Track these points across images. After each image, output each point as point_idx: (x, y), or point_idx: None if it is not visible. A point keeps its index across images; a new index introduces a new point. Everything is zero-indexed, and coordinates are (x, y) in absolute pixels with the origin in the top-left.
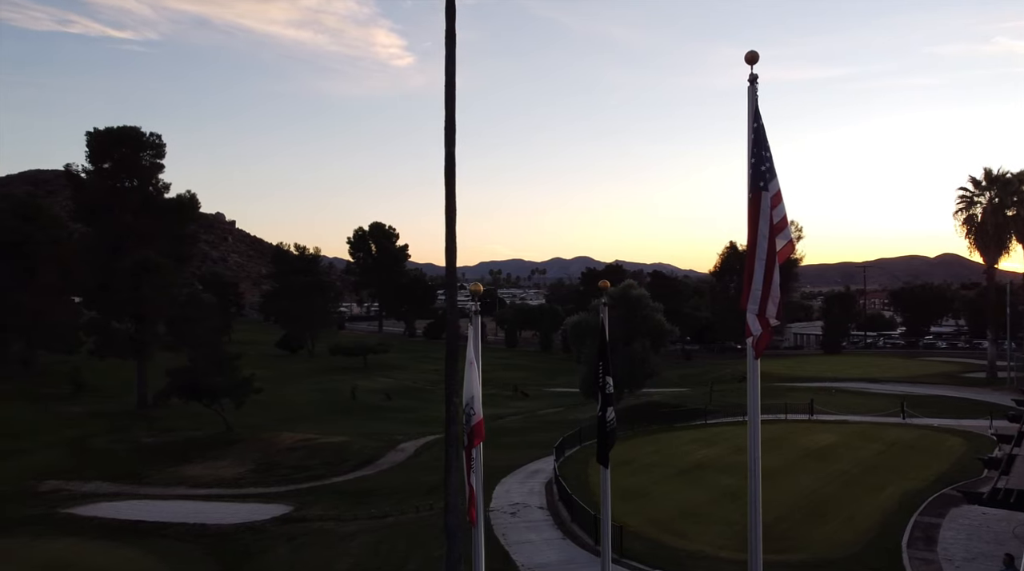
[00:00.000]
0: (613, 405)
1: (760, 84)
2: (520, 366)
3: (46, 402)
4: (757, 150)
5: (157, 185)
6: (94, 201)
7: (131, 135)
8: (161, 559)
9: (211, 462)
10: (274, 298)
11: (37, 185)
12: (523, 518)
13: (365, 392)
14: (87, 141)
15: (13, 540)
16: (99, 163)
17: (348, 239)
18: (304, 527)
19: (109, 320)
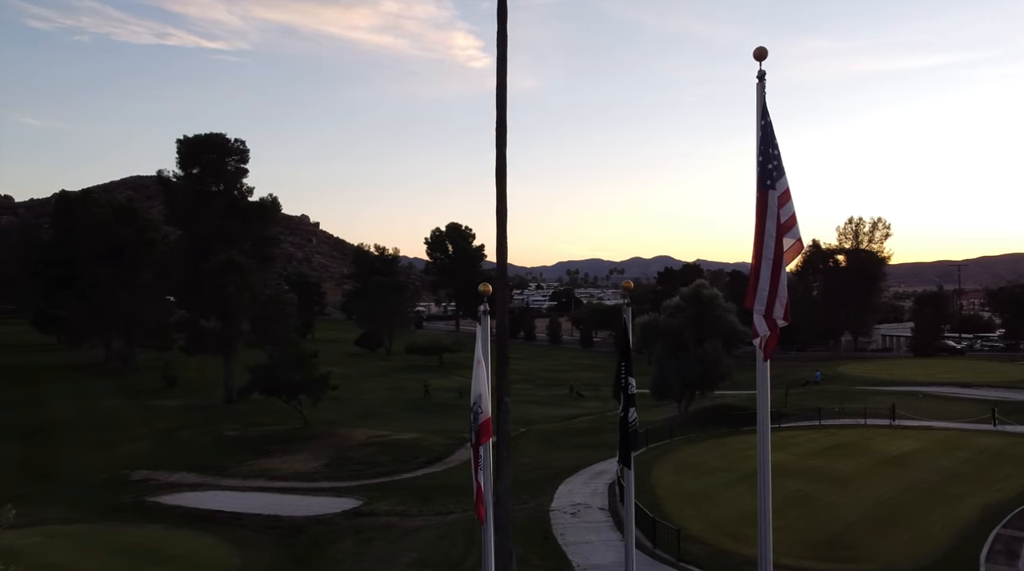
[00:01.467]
0: (635, 406)
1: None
2: (593, 366)
3: (141, 396)
4: (764, 148)
5: (241, 189)
6: (184, 205)
7: (217, 141)
8: (236, 548)
9: (288, 456)
10: (354, 298)
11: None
12: (583, 519)
13: (438, 390)
14: (178, 148)
15: (105, 525)
16: (188, 169)
17: (426, 240)
18: (371, 521)
19: (198, 318)
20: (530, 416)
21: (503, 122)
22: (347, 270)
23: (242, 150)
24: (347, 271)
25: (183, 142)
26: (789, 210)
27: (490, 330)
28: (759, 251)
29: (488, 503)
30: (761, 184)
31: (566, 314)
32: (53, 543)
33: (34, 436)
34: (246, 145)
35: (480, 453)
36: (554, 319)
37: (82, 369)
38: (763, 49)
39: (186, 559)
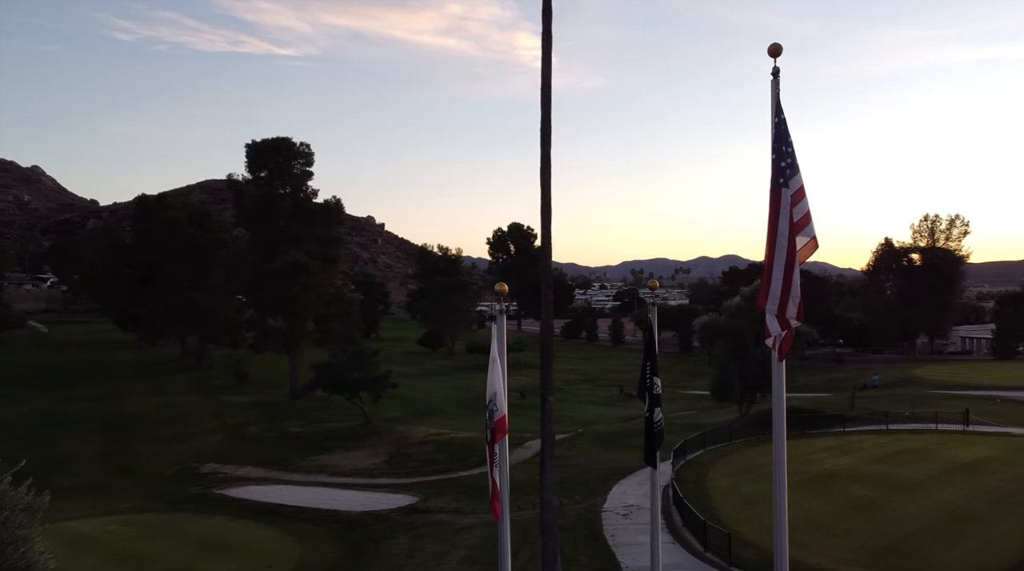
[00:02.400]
0: (660, 406)
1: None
2: None
3: (213, 392)
4: (778, 145)
5: (306, 191)
6: (252, 207)
7: (283, 145)
8: (296, 540)
9: (349, 452)
10: (418, 297)
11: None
12: (635, 520)
13: None
14: (246, 152)
15: (175, 515)
16: (256, 172)
17: (488, 240)
18: (425, 518)
19: (265, 317)
20: (589, 416)
21: (547, 122)
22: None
23: (307, 153)
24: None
25: (251, 146)
26: (803, 209)
27: (504, 329)
28: (771, 250)
29: (504, 500)
30: (774, 182)
31: (629, 314)
32: (129, 531)
33: (114, 429)
34: (311, 148)
35: (496, 451)
36: (616, 319)
37: (159, 366)
38: (778, 46)
39: (249, 550)
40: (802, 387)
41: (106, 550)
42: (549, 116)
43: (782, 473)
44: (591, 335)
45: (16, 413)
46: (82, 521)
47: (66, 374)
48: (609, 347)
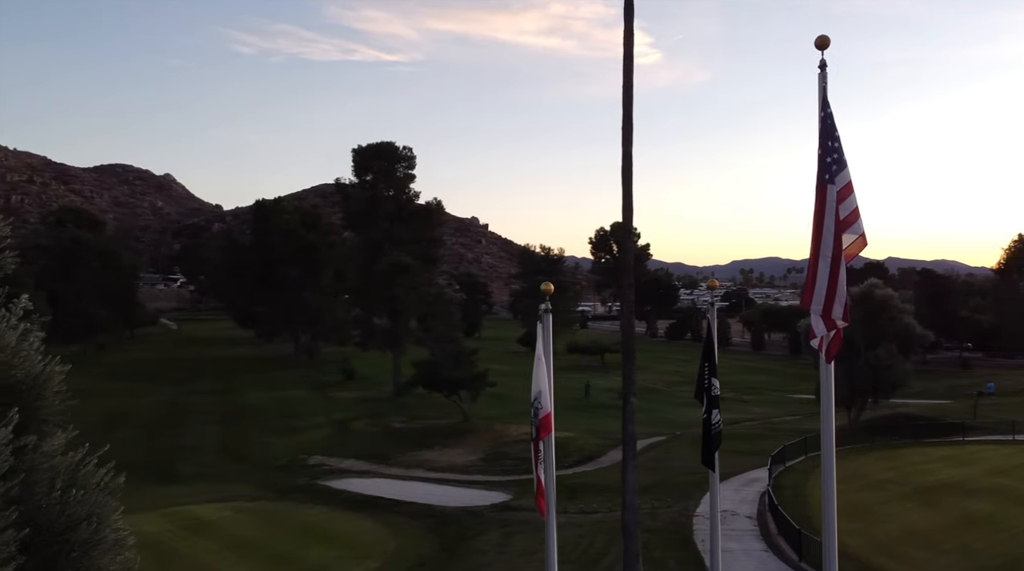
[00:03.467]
0: (718, 408)
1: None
2: (762, 370)
3: (323, 388)
4: (824, 140)
5: (409, 193)
6: (357, 210)
7: (387, 149)
8: (392, 532)
9: (447, 449)
10: (520, 297)
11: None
12: (728, 526)
13: (598, 390)
14: (352, 157)
15: (281, 504)
16: (362, 176)
17: (590, 239)
18: (517, 515)
19: (370, 316)
20: (688, 419)
21: (629, 120)
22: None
23: (409, 157)
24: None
25: (357, 151)
26: (850, 205)
27: (550, 329)
28: (817, 248)
29: (551, 498)
30: (820, 178)
31: (737, 315)
32: (240, 518)
33: (232, 421)
34: (413, 151)
35: (540, 448)
36: (723, 320)
37: (274, 362)
38: (825, 38)
39: (347, 539)
40: (920, 393)
41: (220, 534)
42: (631, 114)
43: (831, 486)
44: (696, 336)
45: (145, 404)
46: (200, 506)
47: (191, 369)
48: None
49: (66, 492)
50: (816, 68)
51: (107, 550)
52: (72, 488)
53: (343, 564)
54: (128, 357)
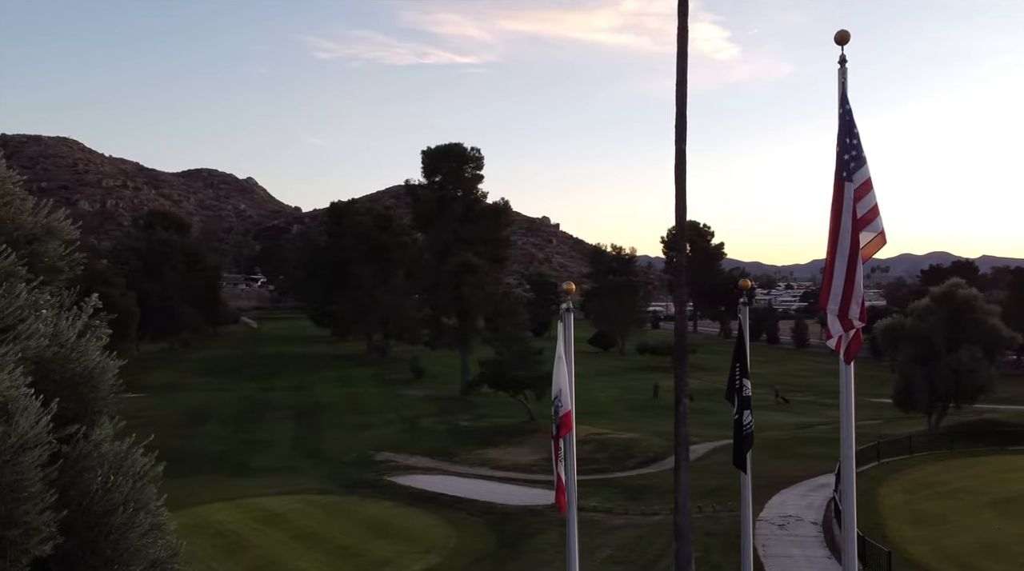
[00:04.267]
0: (750, 408)
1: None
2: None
3: (393, 385)
4: (842, 137)
5: (477, 194)
6: (426, 211)
7: (455, 151)
8: (453, 527)
9: (511, 448)
10: (591, 297)
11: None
12: (791, 532)
13: (667, 392)
14: (422, 158)
15: (349, 498)
16: (430, 177)
17: (661, 238)
18: (579, 516)
19: (439, 316)
20: (761, 422)
21: (683, 117)
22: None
23: (477, 157)
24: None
25: (426, 153)
26: (868, 203)
27: (572, 327)
28: (834, 247)
29: (572, 494)
30: (838, 176)
31: (816, 316)
32: (309, 510)
33: (306, 417)
34: (480, 152)
35: (561, 445)
36: (800, 321)
37: (348, 359)
38: (845, 32)
39: (409, 534)
40: (1010, 398)
41: (288, 526)
42: (685, 113)
43: (851, 490)
44: (771, 337)
45: (227, 399)
46: (271, 498)
47: (270, 366)
48: (790, 350)
49: (107, 479)
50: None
51: (144, 534)
52: (113, 475)
53: (405, 558)
54: (212, 354)
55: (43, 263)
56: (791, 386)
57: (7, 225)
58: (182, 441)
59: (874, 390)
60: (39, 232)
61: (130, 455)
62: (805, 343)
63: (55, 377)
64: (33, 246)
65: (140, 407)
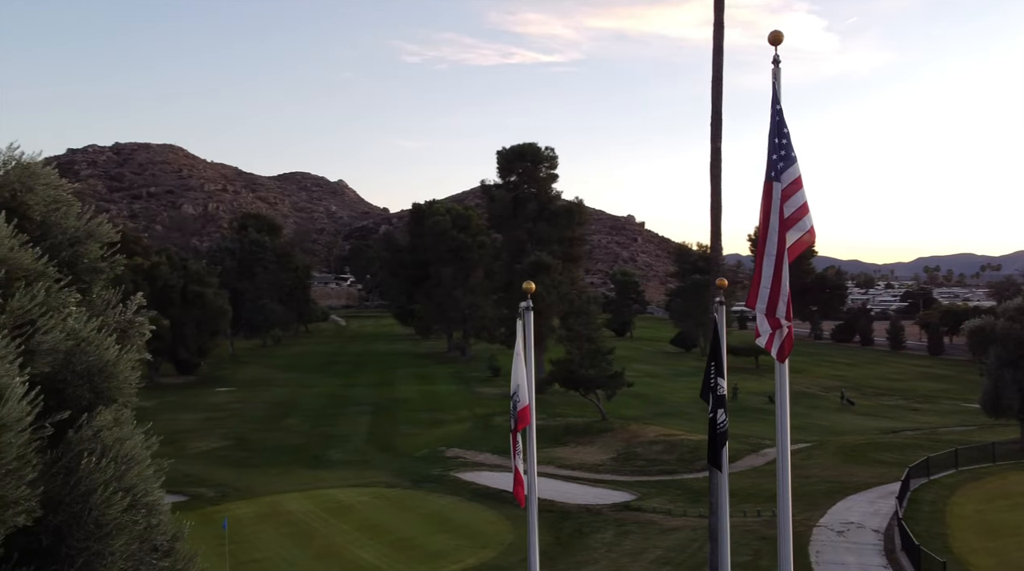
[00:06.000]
0: (724, 407)
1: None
2: (938, 376)
3: (469, 383)
4: (772, 138)
5: (550, 194)
6: (501, 211)
7: (530, 151)
8: (511, 524)
9: (580, 447)
10: (675, 296)
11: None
12: (849, 538)
13: (748, 393)
14: (497, 159)
15: (414, 492)
16: (506, 177)
17: (749, 237)
18: (635, 516)
19: (515, 314)
20: (841, 426)
21: (718, 115)
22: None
23: (552, 157)
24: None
25: (501, 153)
26: (796, 202)
27: (531, 326)
28: (763, 247)
29: (532, 489)
30: (767, 176)
31: (915, 316)
32: (375, 503)
33: (383, 412)
34: (555, 152)
35: (518, 439)
36: (896, 321)
37: (428, 357)
38: (778, 33)
39: (469, 529)
40: None
41: (355, 517)
42: (720, 110)
43: (786, 495)
44: (865, 338)
45: (312, 394)
46: (341, 490)
47: (354, 362)
48: (884, 352)
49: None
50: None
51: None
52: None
53: (461, 552)
54: (301, 350)
55: (83, 264)
56: (881, 389)
57: (55, 228)
58: (265, 433)
59: (971, 394)
60: (81, 235)
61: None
62: (901, 345)
63: (75, 368)
64: (75, 248)
65: (228, 400)
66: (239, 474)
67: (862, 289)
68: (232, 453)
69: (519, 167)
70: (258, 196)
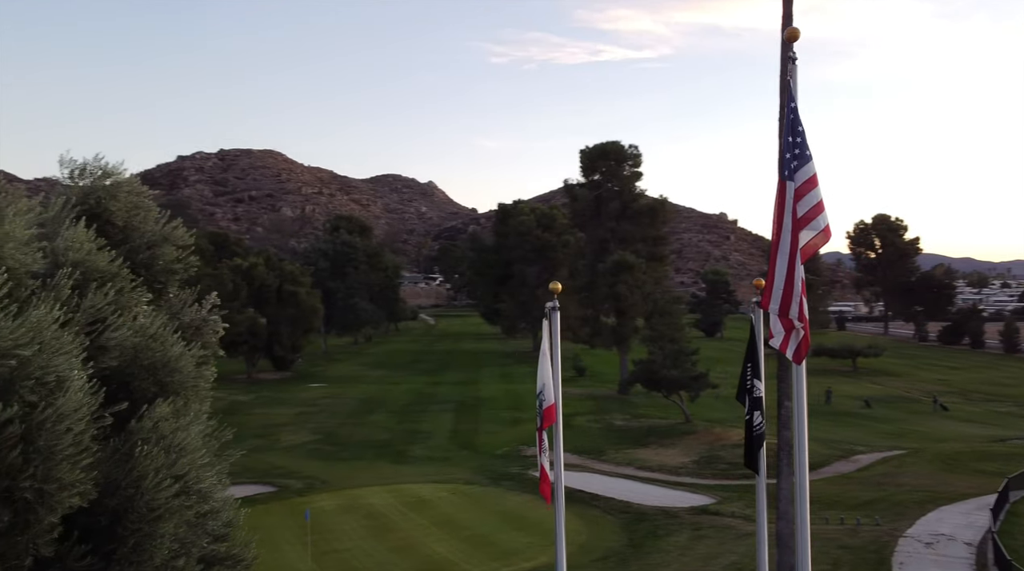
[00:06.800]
0: (760, 410)
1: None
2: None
3: None
4: (786, 137)
5: (634, 192)
6: (583, 210)
7: (613, 149)
8: (585, 524)
9: (662, 449)
10: None
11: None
12: (937, 551)
13: (842, 397)
14: (580, 157)
15: (492, 490)
16: (588, 176)
17: (847, 234)
18: (712, 520)
19: (598, 314)
20: (941, 433)
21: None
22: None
23: (635, 155)
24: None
25: (584, 152)
26: (811, 201)
27: (558, 325)
28: (776, 247)
29: (559, 485)
30: (780, 175)
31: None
32: (453, 499)
33: (466, 410)
34: (639, 150)
35: (544, 437)
36: (1010, 323)
37: (514, 356)
38: (795, 30)
39: (542, 527)
40: None
41: (432, 512)
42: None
43: (804, 506)
44: (975, 341)
45: (397, 391)
46: (422, 485)
47: (441, 361)
48: (997, 356)
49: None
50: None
51: (173, 496)
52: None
53: (533, 550)
54: (391, 348)
55: (159, 265)
56: (991, 395)
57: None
58: (352, 428)
59: None
60: (157, 239)
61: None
62: (1016, 348)
63: (142, 362)
64: (152, 250)
65: (320, 396)
66: (326, 467)
67: (974, 288)
68: (321, 447)
69: (602, 166)
70: (352, 198)
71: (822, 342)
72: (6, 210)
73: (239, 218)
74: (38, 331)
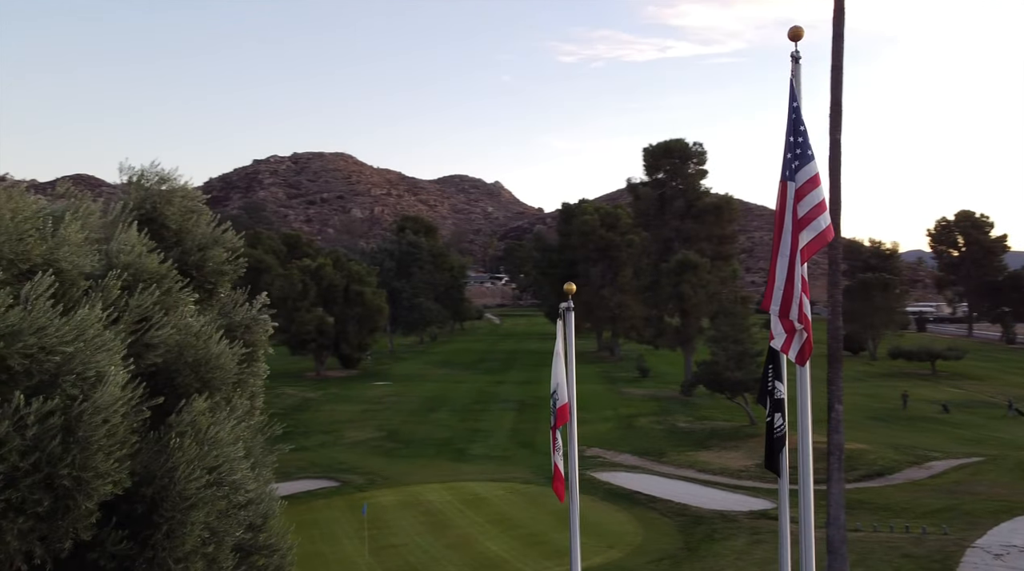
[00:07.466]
0: (782, 411)
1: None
2: None
3: (617, 383)
4: (787, 137)
5: (699, 190)
6: (647, 208)
7: (677, 147)
8: (641, 526)
9: (724, 452)
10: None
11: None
12: (1008, 562)
13: (919, 401)
14: (643, 156)
15: (547, 489)
16: (652, 175)
17: (928, 232)
18: (772, 525)
19: (662, 314)
20: (1021, 439)
21: (838, 104)
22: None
23: (700, 152)
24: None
25: (647, 150)
26: (811, 201)
27: (572, 326)
28: (776, 247)
29: (573, 484)
30: (781, 175)
31: None
32: (509, 497)
33: (526, 410)
34: (703, 147)
35: (558, 436)
36: None
37: (577, 356)
38: (799, 28)
39: (598, 528)
40: None
41: (488, 509)
42: (840, 100)
43: (808, 509)
44: None
45: (461, 391)
46: (479, 483)
47: (504, 360)
48: None
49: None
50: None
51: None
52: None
53: (587, 551)
54: (456, 347)
55: (210, 266)
56: None
57: (187, 235)
58: (414, 426)
59: None
60: (208, 241)
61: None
62: None
63: (186, 359)
64: (203, 252)
65: (385, 394)
66: (387, 463)
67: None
68: (383, 443)
69: (666, 164)
70: (419, 199)
71: (899, 344)
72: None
73: (311, 219)
74: (82, 329)
